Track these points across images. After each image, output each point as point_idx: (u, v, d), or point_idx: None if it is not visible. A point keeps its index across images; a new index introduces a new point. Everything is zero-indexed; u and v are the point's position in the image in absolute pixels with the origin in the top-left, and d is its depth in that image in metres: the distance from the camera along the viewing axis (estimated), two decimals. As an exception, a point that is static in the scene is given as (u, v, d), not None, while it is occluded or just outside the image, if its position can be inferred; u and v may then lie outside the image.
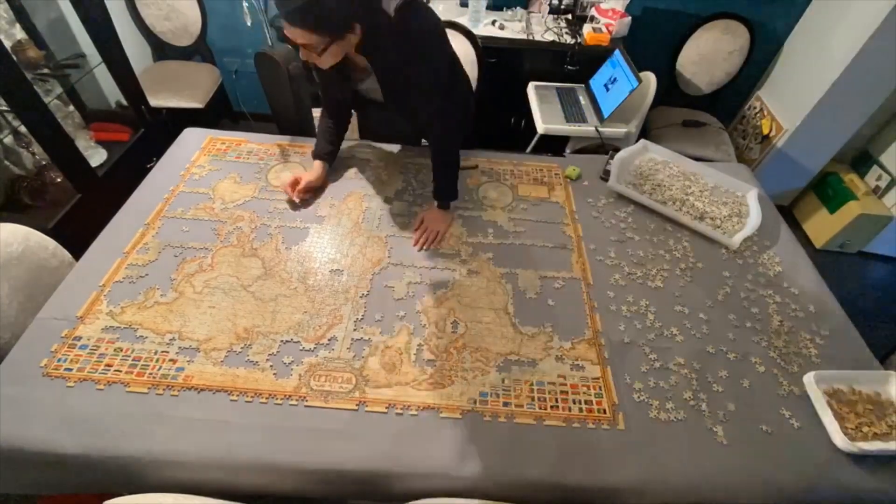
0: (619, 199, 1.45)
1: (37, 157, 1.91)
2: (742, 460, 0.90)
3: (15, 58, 1.61)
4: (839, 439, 0.91)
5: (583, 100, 2.22)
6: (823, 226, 2.51)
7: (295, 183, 1.33)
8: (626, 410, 0.96)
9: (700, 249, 1.31)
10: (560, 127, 2.08)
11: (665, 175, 1.51)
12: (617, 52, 2.08)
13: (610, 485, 0.87)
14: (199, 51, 2.63)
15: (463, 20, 2.36)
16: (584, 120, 2.09)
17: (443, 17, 2.42)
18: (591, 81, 2.25)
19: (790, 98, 2.41)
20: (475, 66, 2.11)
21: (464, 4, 2.43)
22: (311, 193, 1.37)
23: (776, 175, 2.51)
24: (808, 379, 1.01)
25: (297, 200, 1.34)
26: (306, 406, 0.93)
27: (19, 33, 1.90)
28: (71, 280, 1.11)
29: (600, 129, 2.04)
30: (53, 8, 2.07)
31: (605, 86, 2.12)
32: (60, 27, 2.10)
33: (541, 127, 2.07)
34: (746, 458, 0.90)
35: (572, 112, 2.13)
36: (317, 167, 1.39)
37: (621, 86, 1.99)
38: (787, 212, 2.71)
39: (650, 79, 2.04)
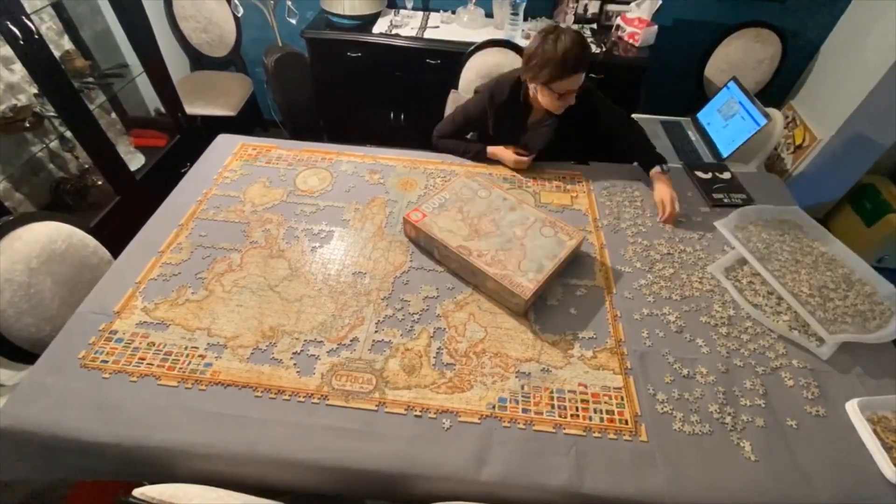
0: (643, 208, 1.43)
1: (80, 160, 2.02)
2: (772, 479, 0.87)
3: (63, 67, 1.72)
4: (890, 472, 0.86)
5: (692, 135, 2.09)
6: (860, 239, 2.41)
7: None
8: (649, 422, 0.94)
9: (727, 260, 1.28)
10: (675, 165, 1.90)
11: (804, 257, 1.26)
12: (732, 83, 1.96)
13: (630, 497, 0.85)
14: (234, 61, 2.73)
15: (488, 31, 2.40)
16: (698, 158, 1.96)
17: (468, 28, 2.46)
18: (699, 115, 2.13)
19: (825, 107, 2.33)
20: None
21: (489, 15, 2.46)
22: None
23: (810, 186, 2.43)
24: (852, 406, 0.96)
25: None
26: (327, 405, 0.94)
27: (67, 44, 2.01)
28: (109, 277, 1.17)
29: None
30: (100, 20, 2.19)
31: (719, 121, 1.98)
32: (106, 38, 2.22)
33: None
34: (777, 477, 0.87)
35: (684, 148, 2.00)
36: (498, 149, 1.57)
37: (742, 122, 1.84)
38: (823, 224, 2.61)
39: (777, 116, 1.88)
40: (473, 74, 2.08)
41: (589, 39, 2.34)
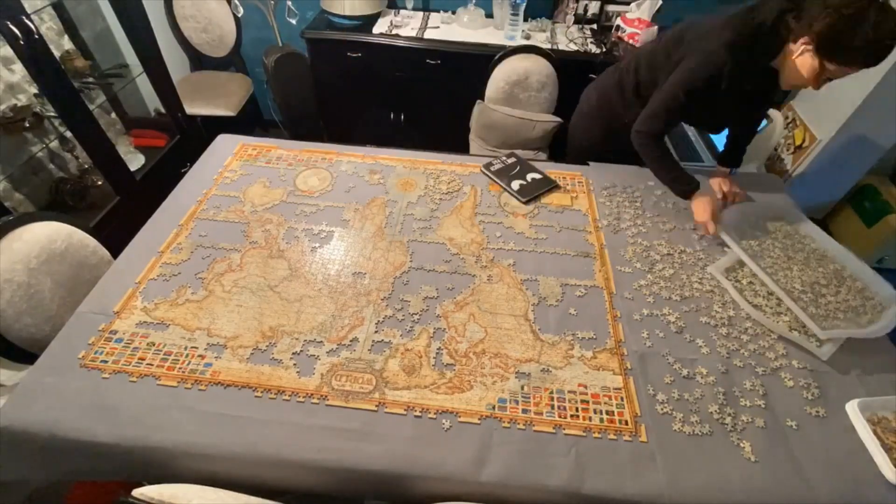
0: (643, 208, 1.43)
1: (80, 160, 2.02)
2: (772, 479, 0.87)
3: (63, 67, 1.71)
4: (890, 473, 0.86)
5: (692, 135, 2.05)
6: (861, 240, 2.41)
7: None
8: (649, 422, 0.94)
9: (727, 260, 1.28)
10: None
11: (796, 253, 1.26)
12: None
13: (630, 497, 0.85)
14: (234, 61, 2.73)
15: (488, 31, 2.40)
16: (697, 158, 1.92)
17: (469, 28, 2.45)
18: None
19: (825, 107, 2.33)
20: (556, 84, 2.06)
21: (489, 16, 2.46)
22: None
23: (810, 187, 2.43)
24: (852, 407, 0.96)
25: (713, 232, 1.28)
26: (327, 405, 0.94)
27: (67, 44, 2.01)
28: (109, 277, 1.16)
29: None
30: (100, 20, 2.19)
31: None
32: (106, 38, 2.22)
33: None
34: (777, 477, 0.87)
35: (683, 147, 1.96)
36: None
37: None
38: (823, 225, 2.61)
39: (777, 117, 1.87)
40: (503, 83, 2.03)
41: (589, 40, 2.35)
